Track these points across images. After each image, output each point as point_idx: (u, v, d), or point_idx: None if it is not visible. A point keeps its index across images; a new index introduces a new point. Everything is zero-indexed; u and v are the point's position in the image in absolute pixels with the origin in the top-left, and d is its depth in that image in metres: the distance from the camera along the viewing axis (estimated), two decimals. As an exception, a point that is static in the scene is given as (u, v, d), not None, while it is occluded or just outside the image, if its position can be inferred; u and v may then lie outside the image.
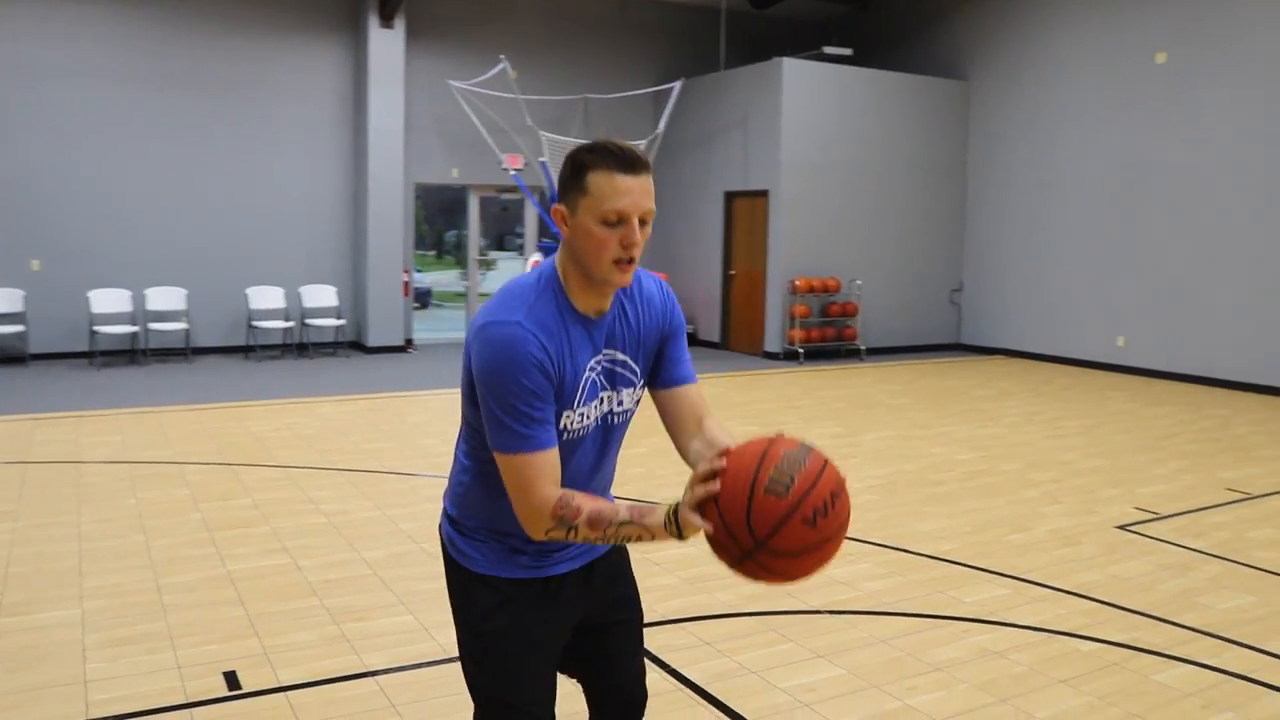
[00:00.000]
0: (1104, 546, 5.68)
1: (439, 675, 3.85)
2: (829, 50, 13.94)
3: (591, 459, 2.11)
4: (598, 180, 1.89)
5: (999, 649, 4.23)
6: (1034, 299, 13.78)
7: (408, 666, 3.93)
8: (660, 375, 2.14)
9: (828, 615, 4.59)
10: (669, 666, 4.00)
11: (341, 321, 12.98)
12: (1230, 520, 6.28)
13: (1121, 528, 6.07)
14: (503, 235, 22.21)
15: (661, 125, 13.44)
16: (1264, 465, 7.80)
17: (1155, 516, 6.32)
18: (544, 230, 14.41)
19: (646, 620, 4.35)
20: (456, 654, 3.94)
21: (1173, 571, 5.29)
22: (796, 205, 13.32)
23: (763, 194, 13.53)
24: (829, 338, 13.72)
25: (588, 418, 2.03)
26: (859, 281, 13.80)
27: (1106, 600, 4.85)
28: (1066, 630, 4.46)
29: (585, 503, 1.88)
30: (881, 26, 15.57)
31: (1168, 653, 4.25)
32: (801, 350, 13.34)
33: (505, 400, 1.89)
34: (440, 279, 23.06)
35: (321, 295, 13.06)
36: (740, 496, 1.74)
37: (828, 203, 13.58)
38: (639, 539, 1.87)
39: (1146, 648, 4.30)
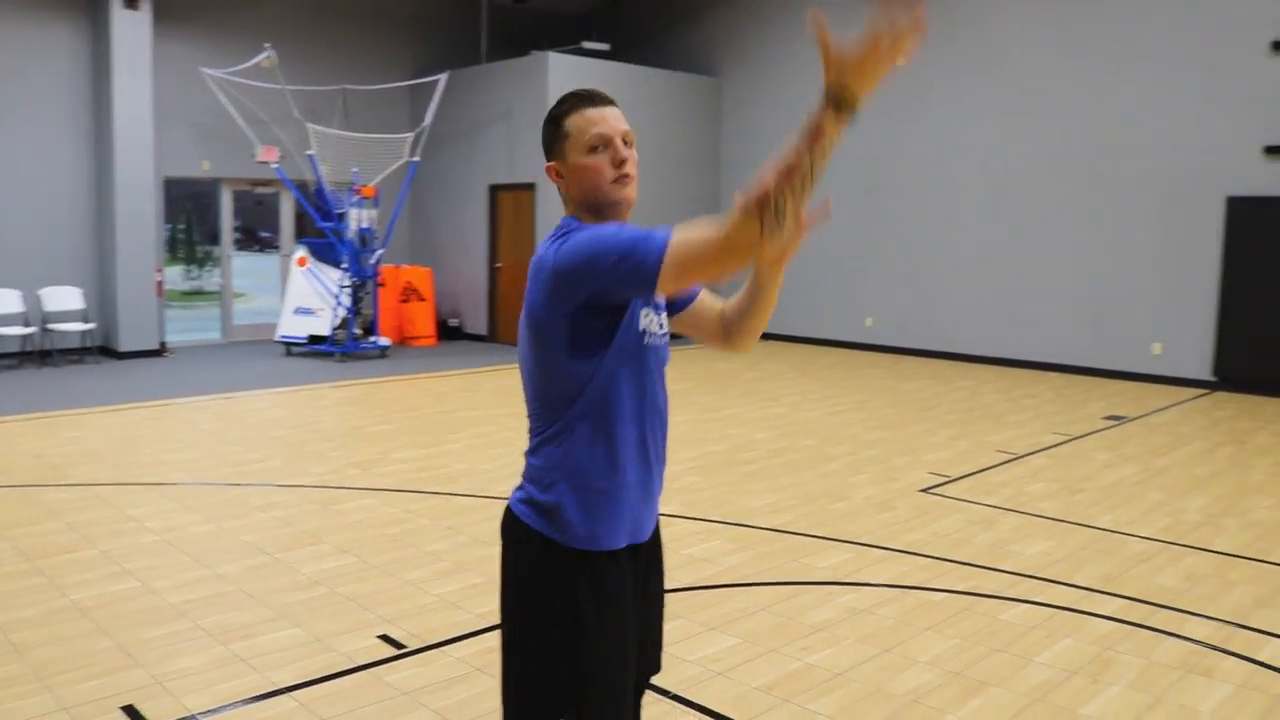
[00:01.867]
0: (915, 509, 6.26)
1: (356, 685, 3.79)
2: (588, 45, 14.23)
3: (659, 388, 2.14)
4: (573, 120, 2.11)
5: (865, 606, 4.63)
6: (788, 284, 14.48)
7: (321, 679, 3.84)
8: (675, 302, 2.35)
9: (704, 590, 4.84)
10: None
11: (89, 326, 11.99)
12: (1009, 479, 7.08)
13: (924, 491, 6.71)
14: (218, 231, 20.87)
15: (428, 118, 13.28)
16: (1018, 429, 8.79)
17: (947, 479, 7.02)
18: (305, 226, 13.89)
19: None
20: (363, 662, 3.94)
21: (980, 526, 5.93)
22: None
23: (529, 186, 13.65)
24: (599, 327, 14.02)
25: (653, 325, 2.10)
26: (625, 272, 14.18)
27: (937, 555, 5.38)
28: (915, 585, 4.93)
29: (764, 175, 1.77)
30: (636, 22, 16.04)
31: (1003, 595, 4.80)
32: (574, 340, 13.57)
33: (618, 238, 1.90)
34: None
35: (65, 298, 12.00)
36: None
37: (592, 195, 13.85)
38: (826, 148, 1.76)
39: (984, 593, 4.83)
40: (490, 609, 4.53)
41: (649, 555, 2.23)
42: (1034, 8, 12.04)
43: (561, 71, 13.35)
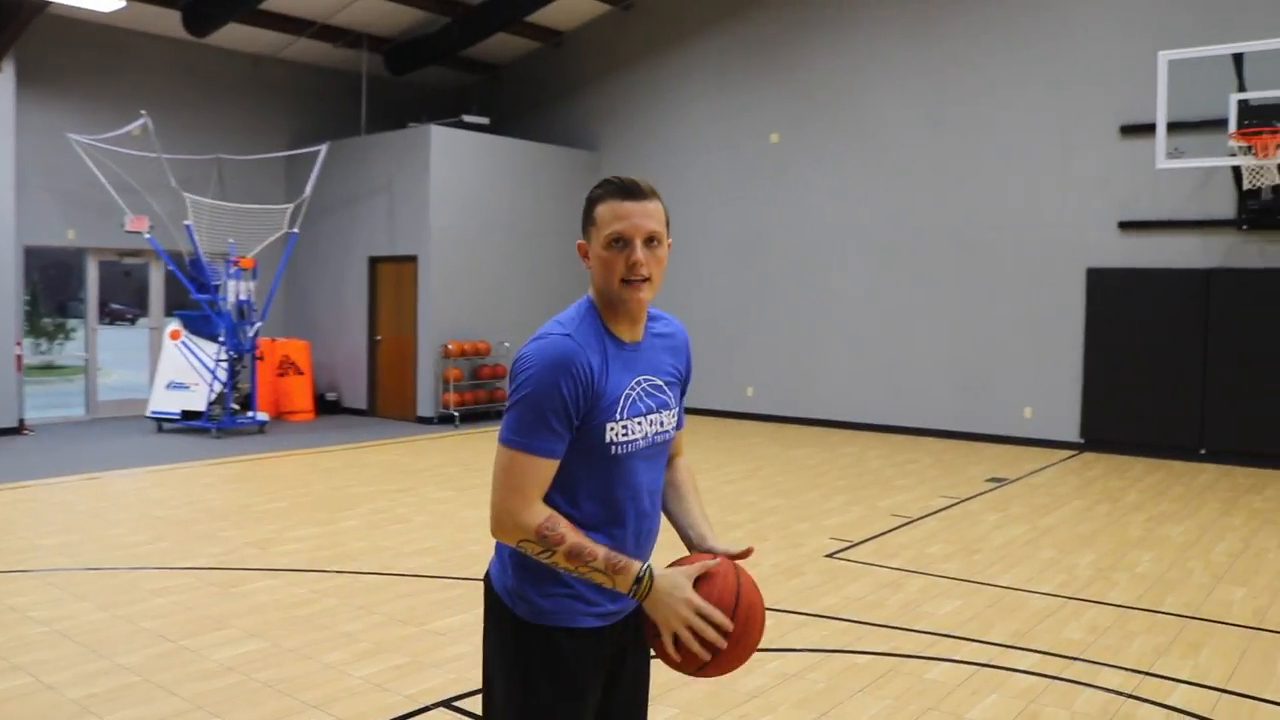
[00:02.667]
0: (824, 574, 6.37)
1: (292, 773, 3.62)
2: (468, 119, 14.29)
3: (647, 479, 2.21)
4: (602, 210, 2.14)
5: (794, 671, 4.67)
6: (666, 355, 14.81)
7: (252, 769, 3.65)
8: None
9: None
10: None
11: (-60, 405, 11.26)
12: (908, 541, 7.27)
13: (829, 556, 6.83)
14: (64, 303, 19.83)
15: (308, 189, 13.06)
16: (907, 493, 9.04)
17: (849, 544, 7.17)
18: (173, 298, 13.42)
19: (465, 691, 4.37)
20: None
21: (890, 588, 6.06)
22: (446, 270, 13.46)
23: (411, 259, 13.53)
24: (481, 400, 13.92)
25: (634, 433, 2.14)
26: (507, 344, 14.16)
27: (853, 618, 5.47)
28: (838, 648, 5.00)
29: (569, 534, 2.03)
30: (514, 96, 16.20)
31: (924, 654, 4.91)
32: (457, 413, 13.43)
33: (537, 399, 2.02)
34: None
35: (-88, 376, 11.25)
36: (722, 665, 2.12)
37: (476, 267, 13.85)
38: (599, 584, 2.06)
39: (906, 653, 4.93)
40: (420, 690, 4.40)
41: (619, 636, 2.26)
42: (905, 89, 12.67)
43: (443, 144, 13.36)
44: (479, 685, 4.40)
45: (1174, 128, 9.78)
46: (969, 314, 12.27)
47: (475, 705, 4.25)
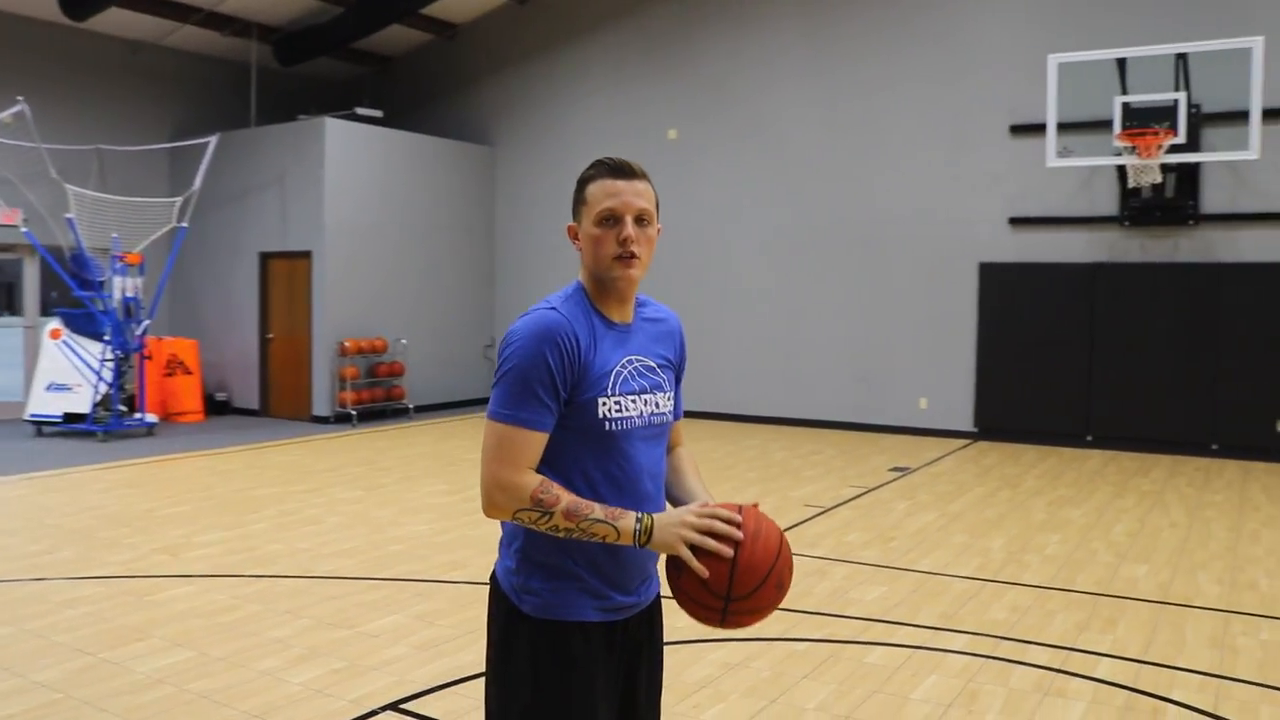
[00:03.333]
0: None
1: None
2: (362, 111, 14.00)
3: (648, 462, 2.18)
4: (593, 188, 2.14)
5: (737, 661, 4.71)
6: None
7: (200, 782, 3.50)
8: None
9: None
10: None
11: None
12: (825, 530, 7.41)
13: (752, 545, 6.90)
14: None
15: (198, 181, 12.58)
16: (815, 484, 9.21)
17: (770, 533, 7.26)
18: (61, 295, 12.78)
19: (411, 693, 4.29)
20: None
21: (816, 576, 6.17)
22: (342, 266, 13.15)
23: (305, 255, 13.18)
24: (378, 398, 13.66)
25: (628, 410, 2.13)
26: (404, 341, 13.92)
27: (785, 607, 5.54)
28: (775, 636, 5.06)
29: (564, 494, 2.03)
30: (408, 89, 15.91)
31: (859, 639, 5.02)
32: (354, 412, 13.14)
33: (522, 371, 2.03)
34: None
35: None
36: (749, 581, 2.02)
37: (371, 263, 13.57)
38: (603, 538, 2.02)
39: (842, 639, 5.03)
40: (363, 694, 4.29)
41: (634, 633, 2.23)
42: (801, 85, 12.88)
43: (338, 137, 13.04)
44: (424, 687, 4.36)
45: (1062, 128, 10.19)
46: (866, 308, 12.56)
47: (423, 707, 4.17)
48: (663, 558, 2.13)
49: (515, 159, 15.13)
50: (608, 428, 2.10)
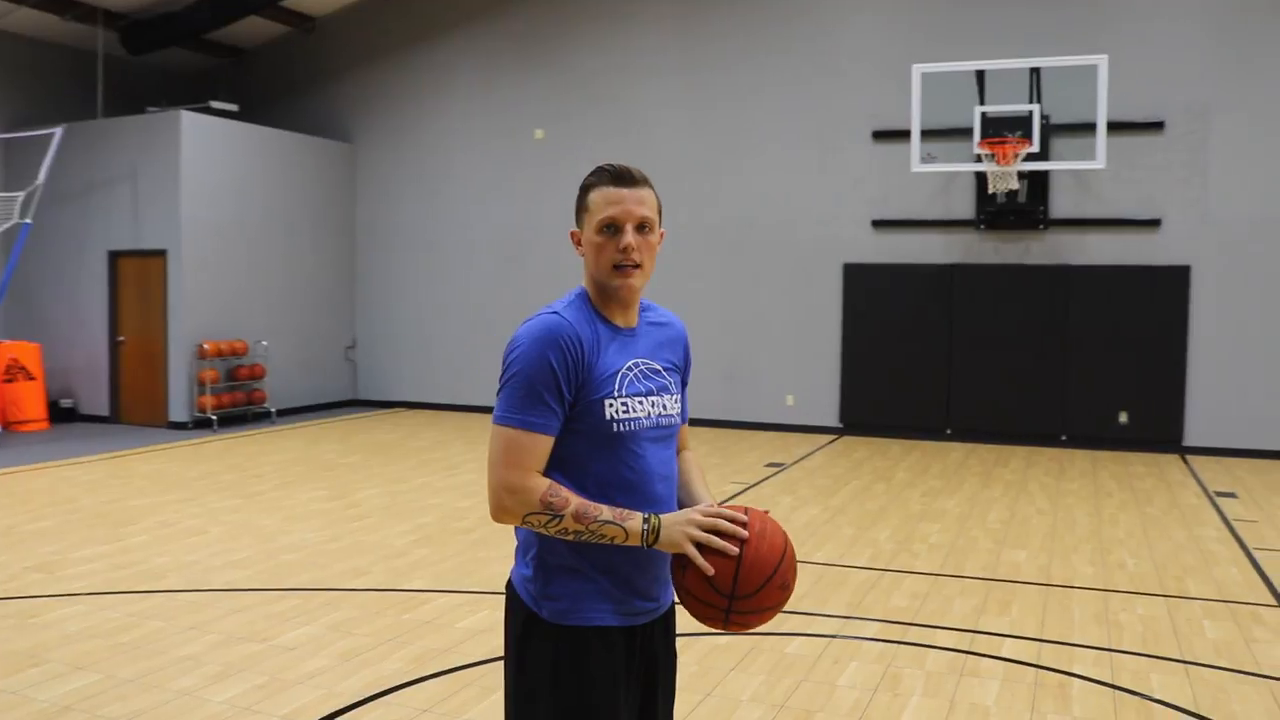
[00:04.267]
0: (654, 560, 6.53)
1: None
2: (216, 105, 13.46)
3: (657, 464, 2.19)
4: (595, 196, 2.18)
5: (663, 657, 4.79)
6: (428, 353, 14.59)
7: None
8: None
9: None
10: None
11: None
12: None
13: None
14: None
15: (42, 175, 11.85)
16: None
17: (666, 530, 7.37)
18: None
19: (341, 706, 4.23)
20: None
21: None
22: (199, 265, 12.63)
23: (159, 253, 12.60)
24: (239, 402, 13.18)
25: (636, 411, 2.14)
26: (265, 343, 13.48)
27: (699, 602, 5.66)
28: (694, 631, 5.14)
29: (571, 496, 2.06)
30: (264, 83, 15.37)
31: (776, 631, 5.17)
32: (215, 417, 12.65)
33: (527, 375, 2.06)
34: None
35: None
36: (754, 579, 2.06)
37: (230, 262, 13.08)
38: (612, 539, 2.05)
39: (761, 631, 5.17)
40: (293, 709, 4.19)
41: (653, 640, 2.25)
42: (670, 86, 13.06)
43: (194, 130, 12.52)
44: (354, 699, 4.29)
45: (924, 135, 10.66)
46: (734, 307, 12.84)
47: (356, 718, 4.10)
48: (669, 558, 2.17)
49: (378, 157, 14.83)
50: (616, 429, 2.12)
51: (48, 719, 4.09)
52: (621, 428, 2.12)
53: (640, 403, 2.16)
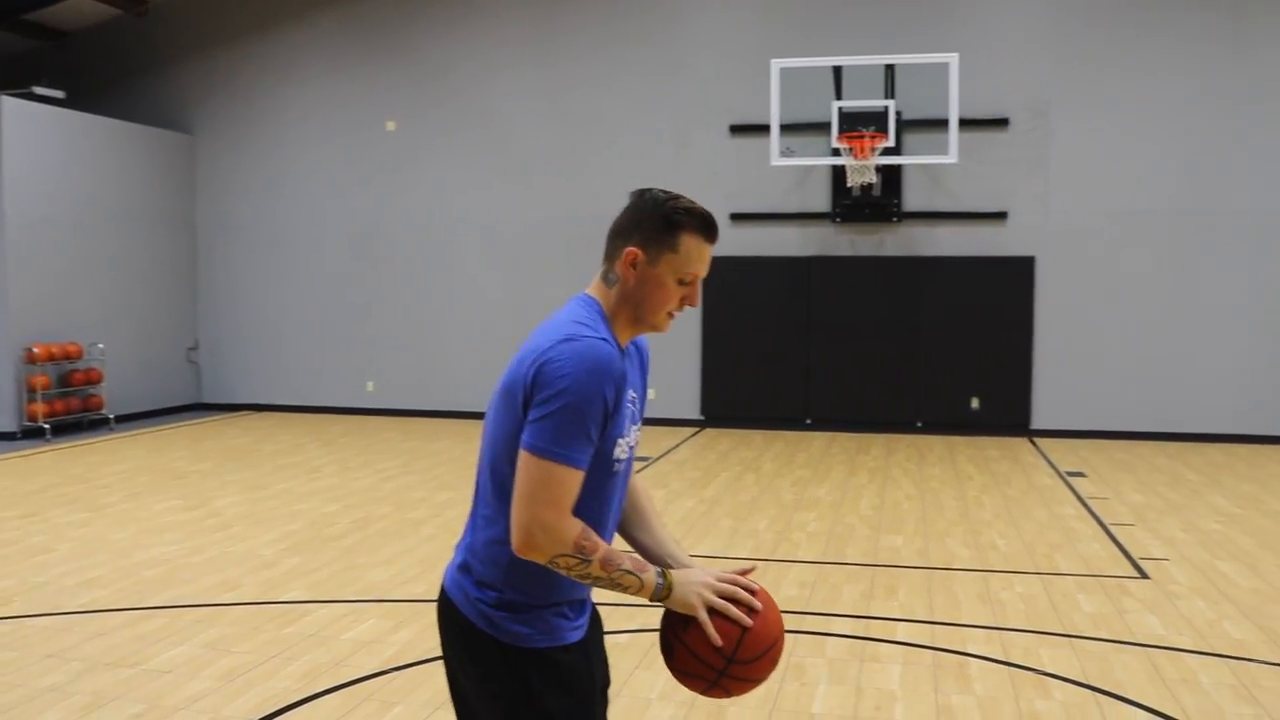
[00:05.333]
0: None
1: None
2: (40, 90, 12.57)
3: (619, 495, 2.15)
4: (688, 243, 2.06)
5: (564, 658, 4.69)
6: (276, 353, 14.04)
7: None
8: None
9: (400, 671, 4.59)
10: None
11: None
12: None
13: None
14: None
15: None
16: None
17: (547, 528, 7.26)
18: None
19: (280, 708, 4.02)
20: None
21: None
22: (25, 262, 11.78)
23: (-23, 250, 11.70)
24: (74, 409, 12.37)
25: (627, 449, 2.08)
26: (101, 345, 12.69)
27: (596, 601, 5.58)
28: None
29: (600, 542, 1.97)
30: (94, 69, 14.44)
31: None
32: (48, 425, 11.84)
33: (579, 407, 1.90)
34: None
35: None
36: (755, 649, 2.04)
37: (59, 260, 12.24)
38: (624, 589, 2.00)
39: (655, 627, 5.12)
40: (178, 734, 3.92)
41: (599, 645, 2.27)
42: (526, 78, 12.90)
43: (17, 117, 11.64)
44: (246, 720, 4.03)
45: (781, 129, 10.84)
46: (597, 301, 12.76)
47: (251, 741, 3.87)
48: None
49: (219, 149, 14.14)
50: (615, 468, 2.05)
51: (-104, 764, 3.71)
52: (618, 466, 2.06)
53: (631, 437, 2.09)
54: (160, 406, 13.75)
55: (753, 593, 2.05)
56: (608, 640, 2.12)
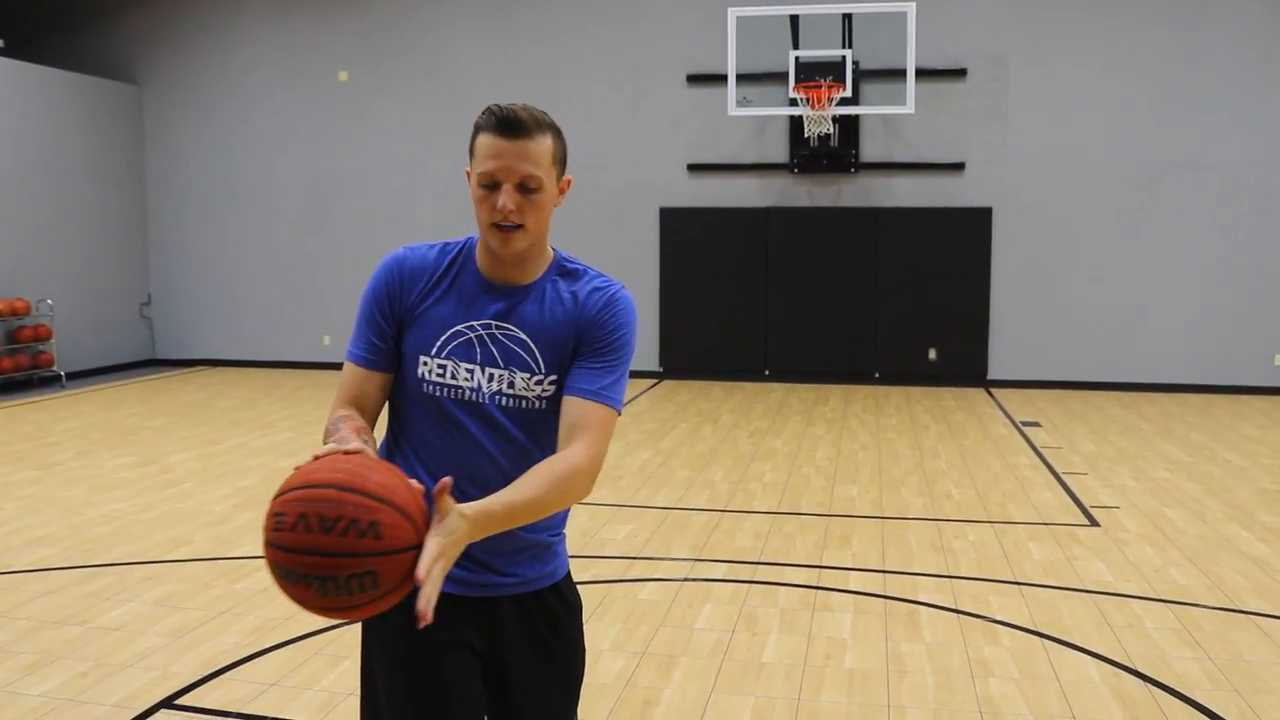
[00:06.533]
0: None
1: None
2: (-27, 39, 12.21)
3: (486, 442, 1.94)
4: (480, 141, 1.91)
5: (518, 611, 4.68)
6: (232, 306, 13.85)
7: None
8: (563, 381, 1.98)
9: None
10: None
11: None
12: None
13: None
14: None
15: None
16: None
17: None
18: None
19: (180, 687, 3.97)
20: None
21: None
22: (-34, 217, 11.51)
23: (-84, 205, 11.39)
24: (23, 366, 12.14)
25: (456, 377, 1.93)
26: (50, 301, 12.44)
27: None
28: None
29: (334, 422, 1.89)
30: (33, 17, 14.00)
31: (625, 578, 5.15)
32: (-6, 383, 11.63)
33: (362, 302, 2.05)
34: None
35: None
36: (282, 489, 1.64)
37: (5, 214, 11.96)
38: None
39: (610, 578, 5.14)
40: (123, 696, 3.87)
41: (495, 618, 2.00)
42: (480, 28, 12.68)
43: (-47, 68, 11.32)
44: (193, 678, 4.01)
45: (739, 79, 10.73)
46: (556, 254, 12.66)
47: (200, 699, 3.84)
48: None
49: (167, 101, 13.81)
50: (427, 391, 2.02)
51: None
52: (430, 390, 2.04)
53: (470, 370, 1.96)
54: (113, 363, 13.52)
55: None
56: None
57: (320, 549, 1.50)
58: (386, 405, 2.05)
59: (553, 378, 1.98)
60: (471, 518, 1.63)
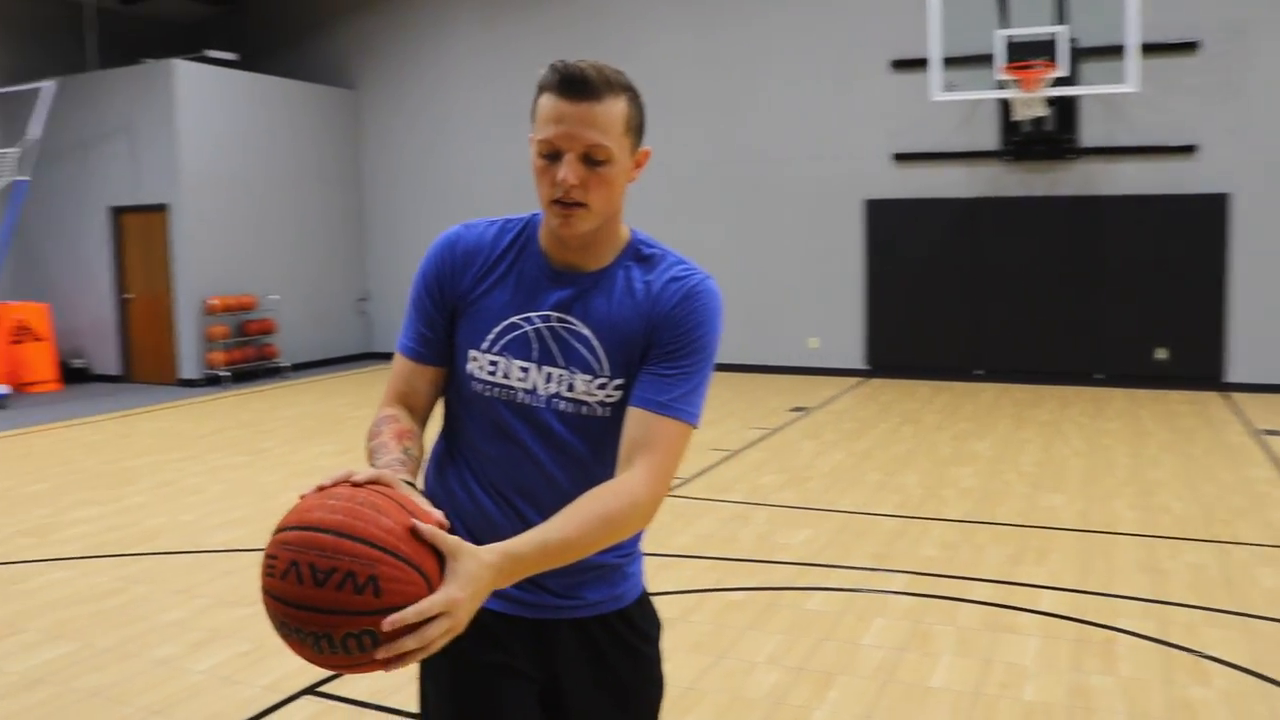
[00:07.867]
0: (669, 513, 6.21)
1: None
2: (213, 54, 13.07)
3: (540, 453, 1.71)
4: (540, 104, 1.64)
5: (674, 615, 4.48)
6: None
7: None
8: (630, 386, 1.71)
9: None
10: None
11: None
12: (737, 474, 7.24)
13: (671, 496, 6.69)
14: None
15: (39, 130, 11.51)
16: (718, 426, 9.02)
17: (682, 480, 7.06)
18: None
19: (329, 674, 3.93)
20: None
21: (738, 522, 5.99)
22: (202, 219, 12.33)
23: (160, 208, 12.29)
24: (251, 357, 12.92)
25: (509, 376, 1.71)
26: (275, 296, 13.20)
27: (714, 555, 5.36)
28: (709, 587, 4.86)
29: (380, 432, 1.71)
30: (262, 31, 14.96)
31: (796, 585, 4.86)
32: (226, 373, 12.42)
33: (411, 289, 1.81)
34: None
35: None
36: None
37: (235, 216, 12.77)
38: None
39: (778, 585, 4.86)
40: (276, 678, 3.92)
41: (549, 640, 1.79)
42: (672, 16, 12.54)
43: (189, 81, 12.14)
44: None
45: (944, 62, 10.14)
46: (750, 248, 12.41)
47: (343, 689, 3.83)
48: None
49: (381, 103, 14.42)
50: (476, 389, 1.84)
51: (18, 692, 3.84)
52: (479, 389, 1.85)
53: (525, 369, 1.76)
54: (332, 356, 14.24)
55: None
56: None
57: (313, 604, 1.28)
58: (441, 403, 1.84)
59: (618, 381, 1.71)
60: (494, 564, 1.37)
